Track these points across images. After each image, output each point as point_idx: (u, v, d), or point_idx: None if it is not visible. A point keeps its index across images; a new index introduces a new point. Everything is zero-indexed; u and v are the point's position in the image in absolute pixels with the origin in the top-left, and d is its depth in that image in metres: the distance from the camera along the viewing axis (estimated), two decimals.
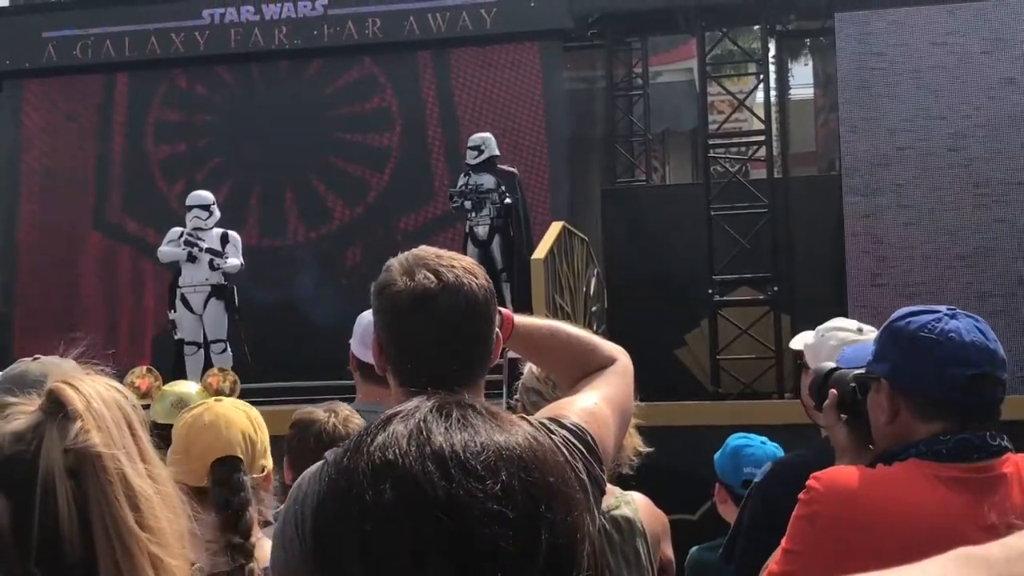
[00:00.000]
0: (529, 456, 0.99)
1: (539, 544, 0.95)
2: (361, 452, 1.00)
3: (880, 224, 12.20)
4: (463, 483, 0.95)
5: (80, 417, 1.38)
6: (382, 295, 1.98)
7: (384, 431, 1.00)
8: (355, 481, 0.98)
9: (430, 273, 1.94)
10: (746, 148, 14.29)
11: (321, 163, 14.47)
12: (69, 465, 1.35)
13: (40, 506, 1.34)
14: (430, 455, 0.96)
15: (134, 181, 14.93)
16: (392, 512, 0.95)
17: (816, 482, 2.09)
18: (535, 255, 10.47)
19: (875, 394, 2.17)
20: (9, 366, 2.71)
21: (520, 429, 1.02)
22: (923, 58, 12.20)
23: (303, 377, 10.27)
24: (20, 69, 15.22)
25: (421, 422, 1.00)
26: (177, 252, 10.71)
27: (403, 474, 0.96)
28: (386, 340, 1.99)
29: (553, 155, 14.13)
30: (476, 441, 0.98)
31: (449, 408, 1.02)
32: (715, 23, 13.79)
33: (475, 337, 1.96)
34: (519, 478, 0.97)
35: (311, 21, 14.45)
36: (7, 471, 1.37)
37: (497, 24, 13.99)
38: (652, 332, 12.88)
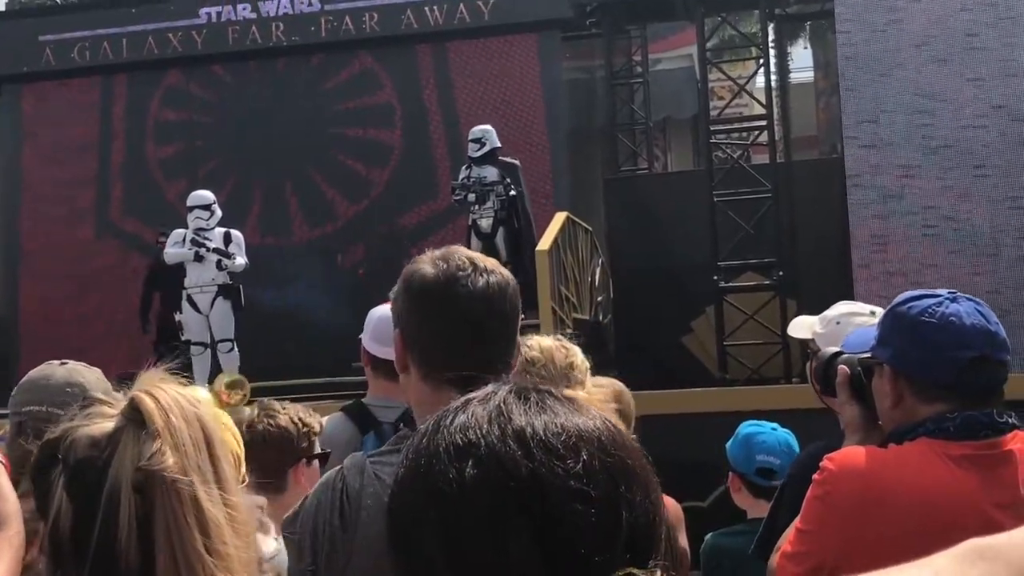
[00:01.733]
0: (608, 438, 0.99)
1: (620, 523, 0.96)
2: (441, 433, 1.00)
3: (884, 206, 12.17)
4: (545, 462, 0.95)
5: (159, 435, 1.36)
6: (411, 282, 2.00)
7: (463, 413, 1.01)
8: (436, 461, 0.98)
9: (463, 259, 2.01)
10: (748, 133, 14.26)
11: (322, 160, 14.46)
12: (138, 482, 1.34)
13: (102, 516, 1.33)
14: (512, 434, 0.97)
15: (135, 182, 14.94)
16: (474, 490, 0.95)
17: (830, 463, 2.11)
18: (540, 246, 10.46)
19: (879, 379, 2.19)
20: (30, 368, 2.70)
21: (596, 413, 1.02)
22: (924, 39, 12.15)
23: (307, 374, 10.28)
24: (18, 73, 15.23)
25: (501, 404, 1.00)
26: (184, 253, 10.72)
27: (485, 453, 0.96)
28: (413, 327, 1.99)
29: (554, 146, 14.11)
30: (556, 422, 0.98)
31: (527, 392, 1.02)
32: (714, 8, 13.76)
33: (505, 320, 1.99)
34: (599, 459, 0.97)
35: (308, 17, 14.44)
36: (77, 476, 1.36)
37: (495, 15, 13.97)
38: (658, 320, 12.89)
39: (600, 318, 12.58)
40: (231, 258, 10.67)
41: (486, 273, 1.98)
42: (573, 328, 11.07)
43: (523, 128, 13.98)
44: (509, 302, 2.00)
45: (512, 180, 11.49)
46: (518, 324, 2.04)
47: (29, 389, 2.59)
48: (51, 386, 2.57)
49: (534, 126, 14.11)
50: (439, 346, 1.96)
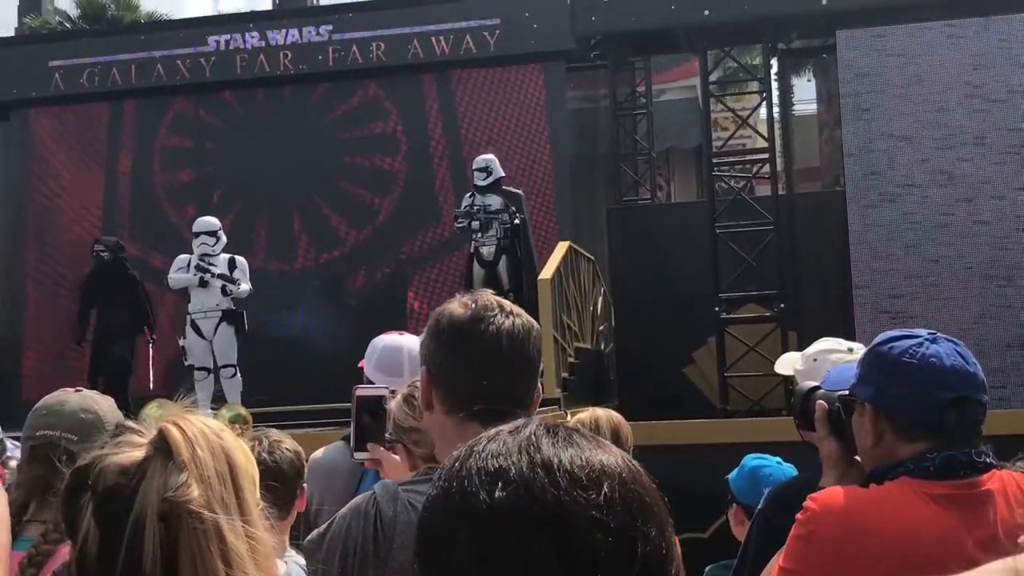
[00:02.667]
0: (628, 475, 1.07)
1: (636, 554, 1.03)
2: (473, 459, 1.07)
3: (886, 239, 12.22)
4: (569, 491, 1.02)
5: (184, 468, 1.40)
6: (439, 320, 2.11)
7: (495, 442, 1.08)
8: (468, 483, 1.05)
9: (491, 301, 2.11)
10: (750, 165, 14.33)
11: (328, 187, 14.55)
12: (163, 512, 1.38)
13: (127, 544, 1.37)
14: (540, 463, 1.04)
15: (142, 207, 15.02)
16: (503, 512, 1.02)
17: (812, 503, 2.13)
18: (542, 275, 10.50)
19: (859, 417, 2.22)
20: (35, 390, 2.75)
21: (618, 451, 1.10)
22: (925, 74, 12.24)
23: (309, 400, 10.30)
24: (27, 98, 15.34)
25: (531, 435, 1.08)
26: (189, 278, 10.76)
27: (515, 478, 1.03)
28: (438, 364, 2.09)
29: (558, 175, 14.19)
30: (581, 456, 1.05)
31: (555, 428, 1.10)
32: (717, 42, 13.86)
33: (527, 360, 2.09)
34: (620, 492, 1.04)
35: (316, 46, 14.55)
36: (105, 503, 1.40)
37: (500, 46, 14.08)
38: (660, 350, 12.92)
39: (602, 347, 12.61)
40: (235, 284, 10.71)
41: (512, 315, 2.09)
42: (575, 357, 11.11)
43: (527, 157, 14.07)
44: (533, 344, 2.10)
45: (515, 208, 11.56)
46: (539, 367, 2.14)
47: (44, 414, 2.63)
48: (65, 412, 2.61)
49: (538, 156, 14.19)
50: (462, 382, 2.06)
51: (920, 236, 12.08)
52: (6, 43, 16.82)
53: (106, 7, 21.71)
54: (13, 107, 15.59)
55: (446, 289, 12.76)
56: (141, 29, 17.40)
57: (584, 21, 13.76)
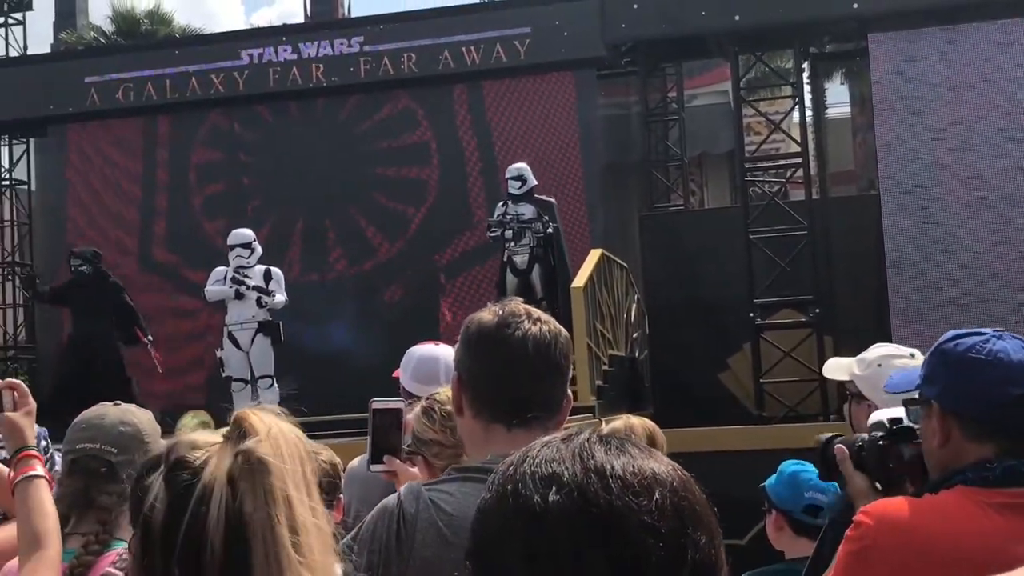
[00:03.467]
0: (679, 484, 1.09)
1: (685, 560, 1.04)
2: (527, 463, 1.10)
3: (921, 242, 12.14)
4: (621, 496, 1.04)
5: (258, 434, 1.44)
6: (469, 326, 2.16)
7: (549, 448, 1.10)
8: (522, 487, 1.07)
9: (519, 307, 2.16)
10: (784, 169, 14.27)
11: (361, 198, 14.61)
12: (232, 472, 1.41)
13: (193, 507, 1.39)
14: (593, 469, 1.07)
15: (178, 221, 15.14)
16: (556, 515, 1.04)
17: (866, 517, 2.10)
18: (575, 283, 10.51)
19: (926, 419, 2.18)
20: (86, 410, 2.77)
21: (669, 461, 1.12)
22: (958, 76, 12.16)
23: (344, 410, 10.34)
24: (64, 114, 15.50)
25: (585, 442, 1.10)
26: (225, 291, 10.84)
27: (568, 483, 1.06)
28: (467, 369, 2.14)
29: (589, 183, 14.18)
30: (633, 464, 1.08)
31: (608, 437, 1.12)
32: (748, 47, 13.81)
33: (553, 366, 2.13)
34: (670, 500, 1.06)
35: (347, 58, 14.63)
36: (176, 470, 1.43)
37: (531, 55, 14.10)
38: (694, 357, 12.88)
39: (636, 354, 12.59)
40: (271, 295, 10.79)
41: (539, 322, 2.12)
42: (609, 364, 11.11)
43: (559, 165, 14.07)
44: (560, 351, 2.13)
45: (548, 217, 11.58)
46: (568, 373, 2.17)
47: (83, 428, 2.66)
48: (105, 425, 2.65)
49: (570, 163, 14.19)
50: (489, 386, 2.11)
51: (956, 239, 12.00)
52: (42, 59, 17.01)
53: (140, 22, 21.92)
54: (50, 123, 15.77)
55: (479, 298, 12.78)
56: (175, 44, 17.55)
57: (614, 28, 13.76)
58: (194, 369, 14.11)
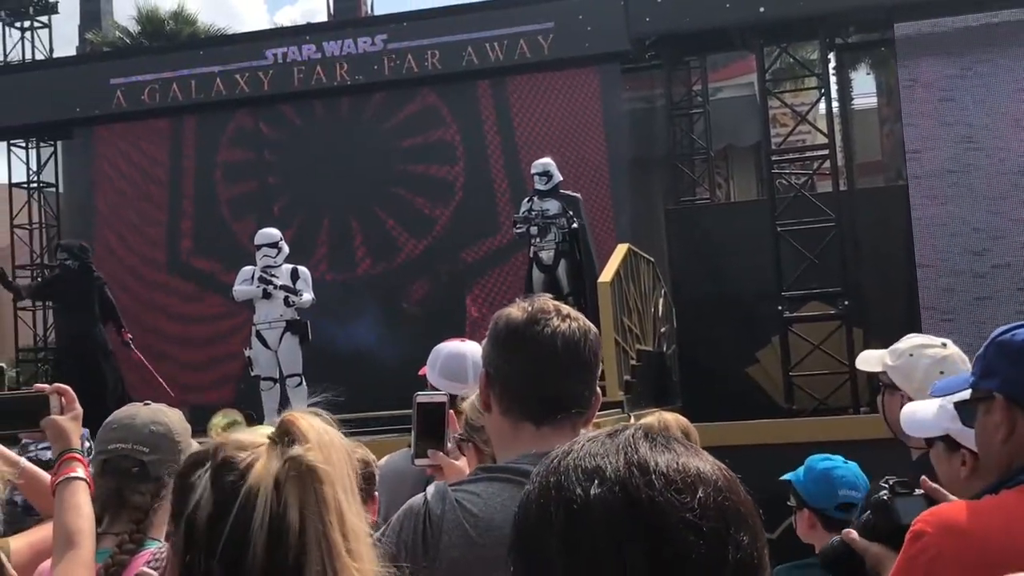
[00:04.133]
0: (723, 483, 1.08)
1: (727, 559, 1.04)
2: (571, 456, 1.10)
3: (950, 232, 12.05)
4: (664, 492, 1.04)
5: (307, 440, 1.44)
6: (498, 322, 2.14)
7: (593, 443, 1.10)
8: (565, 479, 1.07)
9: (548, 304, 2.14)
10: (810, 161, 14.19)
11: (387, 196, 14.63)
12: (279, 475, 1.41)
13: (238, 508, 1.40)
14: (636, 464, 1.06)
15: (205, 221, 15.21)
16: (598, 508, 1.04)
17: (925, 524, 2.06)
18: (601, 278, 10.48)
19: (986, 415, 2.13)
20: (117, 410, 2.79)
21: (713, 460, 1.11)
22: (987, 65, 12.06)
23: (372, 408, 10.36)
24: (90, 116, 15.60)
25: (629, 438, 1.10)
26: (252, 290, 10.87)
27: (611, 477, 1.05)
28: (495, 365, 2.12)
29: (615, 177, 14.15)
30: (678, 461, 1.07)
31: (653, 433, 1.12)
32: (773, 39, 13.74)
33: (582, 363, 2.10)
34: (714, 499, 1.05)
35: (371, 56, 14.65)
36: (222, 471, 1.43)
37: (555, 50, 14.08)
38: (723, 350, 12.83)
39: (664, 349, 12.56)
40: (298, 294, 10.80)
41: (568, 319, 2.11)
42: (637, 359, 11.08)
43: (584, 160, 14.05)
44: (589, 348, 2.11)
45: (574, 212, 11.55)
46: (597, 370, 2.16)
47: (115, 428, 2.67)
48: (136, 425, 2.66)
49: (595, 158, 14.17)
50: (517, 383, 2.09)
51: (985, 229, 11.90)
52: (68, 62, 17.12)
53: (164, 23, 22.02)
54: (76, 125, 15.88)
55: (505, 295, 12.77)
56: (199, 44, 17.61)
57: (638, 22, 13.72)
58: (222, 368, 14.17)
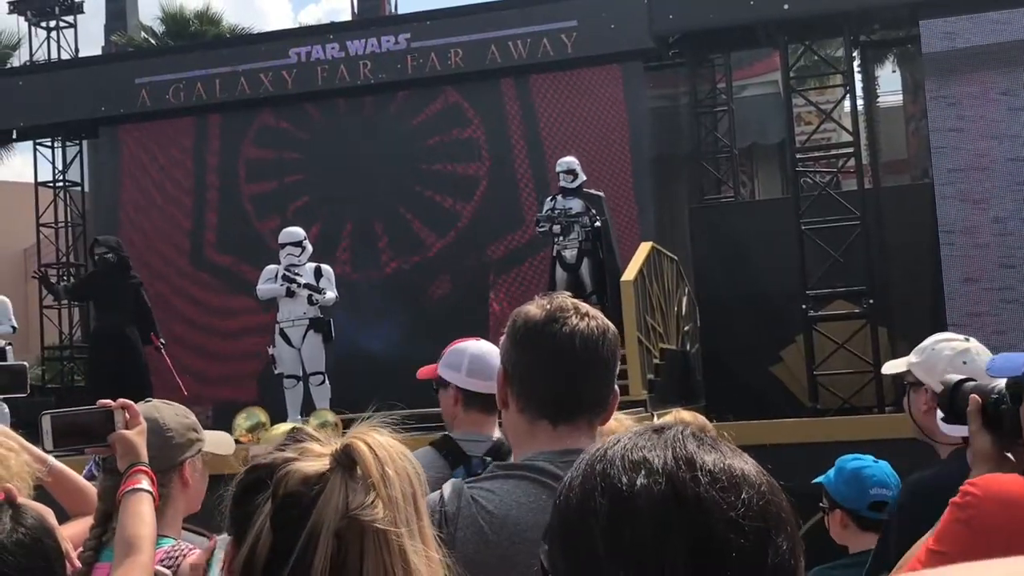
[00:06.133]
0: (766, 487, 1.09)
1: (766, 562, 1.04)
2: (617, 447, 1.10)
3: (976, 231, 11.96)
4: (710, 489, 1.05)
5: (373, 488, 1.40)
6: (516, 320, 2.14)
7: (640, 436, 1.11)
8: (610, 468, 1.08)
9: (567, 302, 2.13)
10: (835, 159, 14.10)
11: (410, 194, 14.65)
12: (341, 528, 1.38)
13: (299, 552, 1.37)
14: (683, 459, 1.07)
15: (229, 219, 15.27)
16: (643, 498, 1.05)
17: (974, 488, 2.06)
18: (625, 277, 10.46)
19: None
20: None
21: (755, 463, 1.12)
22: (1014, 61, 11.96)
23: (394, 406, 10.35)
24: (115, 115, 15.69)
25: (677, 435, 1.11)
26: (276, 289, 10.91)
27: (657, 469, 1.06)
28: (513, 363, 2.11)
29: (639, 176, 14.11)
30: (724, 461, 1.08)
31: (700, 433, 1.12)
32: (797, 36, 13.67)
33: (600, 362, 2.10)
34: (757, 501, 1.06)
35: (394, 55, 14.67)
36: (284, 508, 1.40)
37: (578, 48, 14.06)
38: (747, 349, 12.77)
39: (687, 348, 12.52)
40: (321, 293, 10.84)
41: (586, 317, 2.10)
42: (660, 358, 11.04)
43: (607, 159, 14.02)
44: (607, 347, 2.10)
45: (597, 211, 11.53)
46: (615, 369, 2.15)
47: None
48: None
49: (618, 156, 14.13)
50: (536, 381, 2.08)
51: (1011, 227, 11.80)
52: (93, 62, 17.21)
53: (189, 22, 22.12)
54: (101, 124, 15.96)
55: (529, 292, 12.71)
56: (224, 44, 17.67)
57: (662, 20, 13.67)
58: (246, 366, 14.21)
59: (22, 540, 1.99)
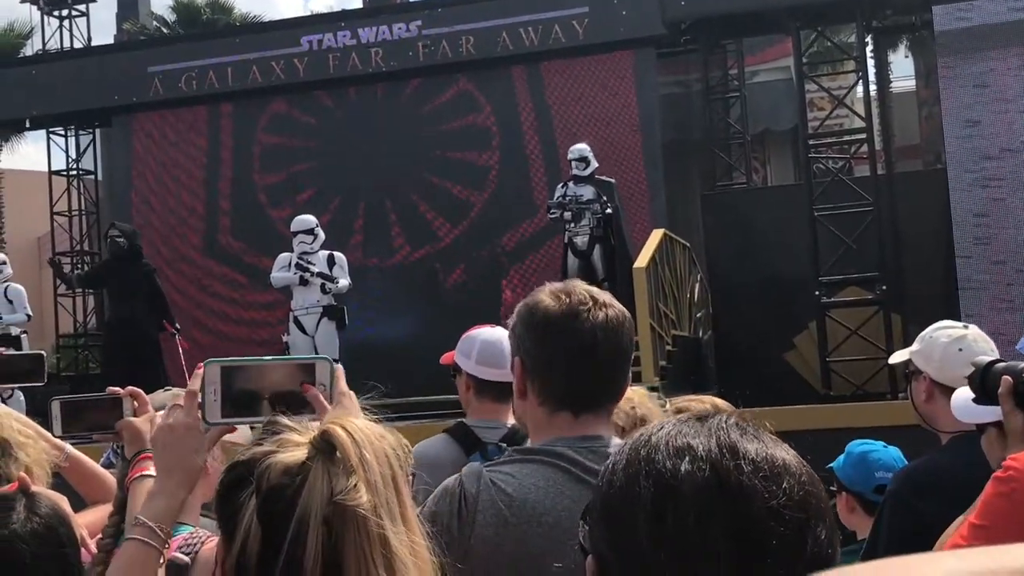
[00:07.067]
0: (806, 478, 1.12)
1: (805, 549, 1.07)
2: (662, 432, 1.13)
3: (989, 217, 11.92)
4: (753, 477, 1.08)
5: (353, 472, 1.40)
6: (533, 313, 2.12)
7: (685, 424, 1.14)
8: (655, 453, 1.11)
9: (583, 293, 2.12)
10: (848, 145, 14.06)
11: (422, 182, 14.65)
12: (328, 515, 1.38)
13: (290, 544, 1.38)
14: (727, 447, 1.10)
15: (242, 207, 15.30)
16: (687, 483, 1.08)
17: (1016, 462, 2.08)
18: (637, 264, 10.46)
19: None
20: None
21: (796, 454, 1.15)
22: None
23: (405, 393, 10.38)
24: (128, 103, 15.71)
25: (721, 423, 1.13)
26: (289, 277, 10.95)
27: (701, 456, 1.09)
28: (534, 356, 2.11)
29: (650, 162, 14.09)
30: (766, 451, 1.11)
31: (744, 423, 1.15)
32: (810, 21, 13.62)
33: (621, 351, 2.12)
34: (798, 490, 1.09)
35: (406, 42, 14.66)
36: (269, 502, 1.40)
37: (589, 35, 14.02)
38: (759, 336, 12.77)
39: (699, 334, 12.52)
40: (334, 281, 10.87)
41: (605, 307, 2.10)
42: (672, 345, 11.05)
43: (619, 145, 14.00)
44: (626, 335, 2.12)
45: (608, 198, 11.53)
46: (631, 355, 2.17)
47: None
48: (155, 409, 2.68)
49: (630, 143, 14.11)
50: (559, 374, 2.09)
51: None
52: (106, 50, 17.23)
53: (201, 11, 22.13)
54: (114, 113, 15.99)
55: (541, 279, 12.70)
56: (235, 32, 17.67)
57: (673, 6, 13.63)
58: (260, 353, 14.22)
59: (36, 529, 2.01)
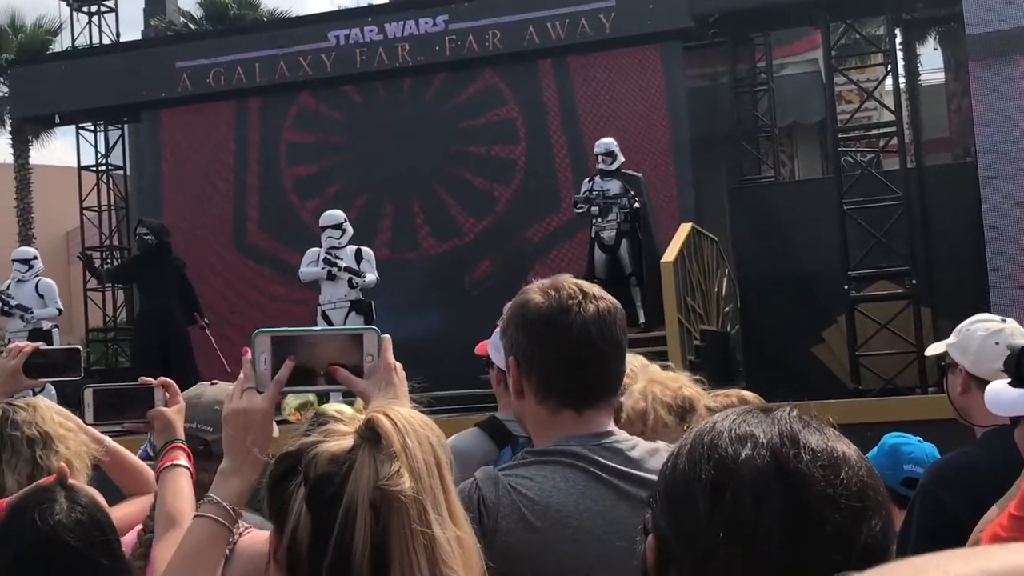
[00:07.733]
0: (865, 471, 1.15)
1: (858, 540, 1.10)
2: (725, 421, 1.17)
3: (1020, 210, 11.82)
4: (811, 465, 1.11)
5: (396, 457, 1.42)
6: (524, 311, 2.10)
7: (747, 415, 1.18)
8: (717, 439, 1.15)
9: (572, 287, 2.10)
10: (877, 138, 13.98)
11: (449, 176, 14.66)
12: (374, 499, 1.40)
13: (339, 531, 1.40)
14: (787, 436, 1.14)
15: (269, 201, 15.36)
16: (748, 467, 1.12)
17: None
18: (664, 258, 10.43)
19: None
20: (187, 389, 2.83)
21: (857, 449, 1.18)
22: None
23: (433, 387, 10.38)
24: (157, 99, 15.80)
25: (783, 416, 1.17)
26: (318, 272, 11.02)
27: (762, 443, 1.13)
28: (529, 355, 2.09)
29: (678, 156, 14.04)
30: (826, 443, 1.15)
31: (806, 416, 1.19)
32: (839, 14, 13.53)
33: (615, 343, 2.09)
34: (856, 481, 1.12)
35: (433, 37, 14.66)
36: (317, 490, 1.43)
37: (616, 28, 13.99)
38: (788, 330, 12.71)
39: (727, 329, 12.47)
40: (362, 276, 10.91)
41: (595, 300, 2.08)
42: (700, 339, 11.01)
43: (646, 139, 13.96)
44: (618, 326, 2.10)
45: (635, 192, 11.50)
46: (626, 347, 2.15)
47: None
48: (201, 404, 2.69)
49: (657, 137, 14.07)
50: (555, 372, 2.07)
51: None
52: (134, 46, 17.33)
53: (228, 6, 22.21)
54: (143, 108, 16.08)
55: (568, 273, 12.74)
56: (263, 28, 17.75)
57: None
58: None
59: (80, 519, 2.05)
